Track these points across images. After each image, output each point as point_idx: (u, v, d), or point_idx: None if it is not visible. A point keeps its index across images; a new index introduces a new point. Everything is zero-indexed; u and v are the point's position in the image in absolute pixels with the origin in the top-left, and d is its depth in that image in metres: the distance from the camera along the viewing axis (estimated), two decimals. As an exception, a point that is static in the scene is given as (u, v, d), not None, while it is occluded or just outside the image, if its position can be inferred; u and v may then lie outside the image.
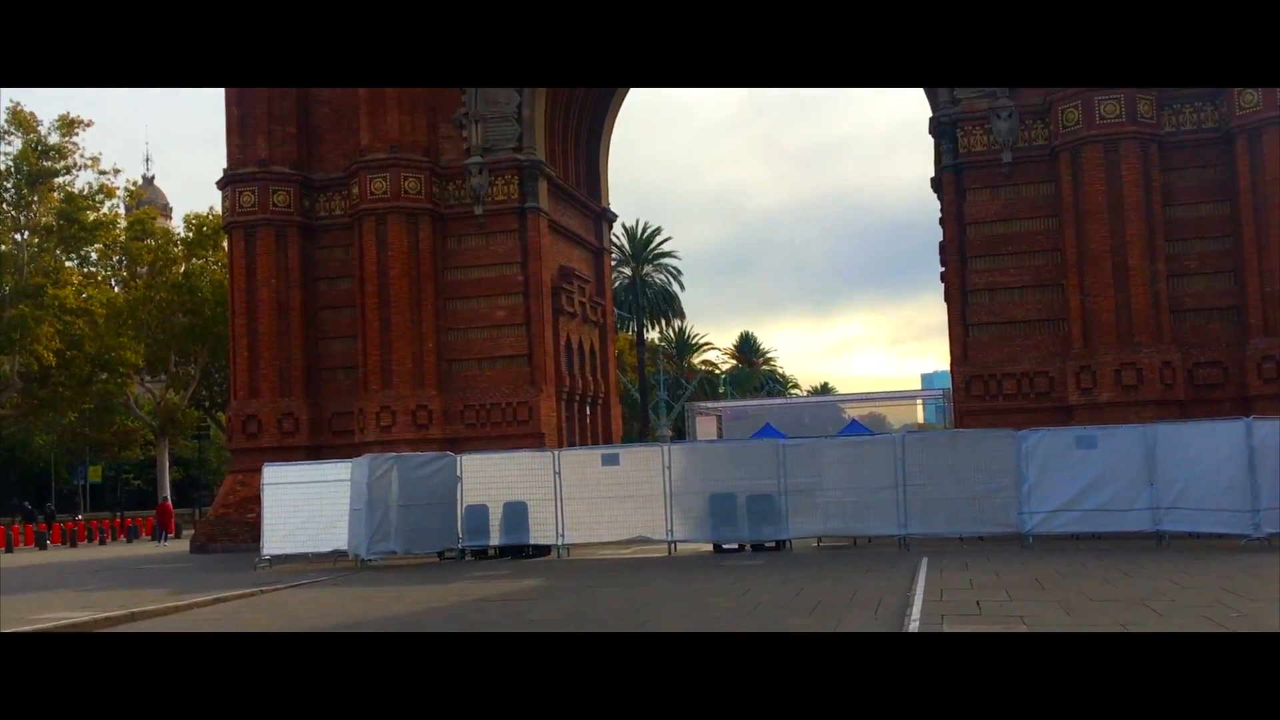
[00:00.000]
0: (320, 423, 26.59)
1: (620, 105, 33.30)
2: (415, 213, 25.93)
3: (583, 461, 21.22)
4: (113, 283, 41.59)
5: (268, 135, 26.39)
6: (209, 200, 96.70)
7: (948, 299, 24.49)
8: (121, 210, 41.47)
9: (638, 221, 62.76)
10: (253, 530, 23.14)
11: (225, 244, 30.97)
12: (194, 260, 40.30)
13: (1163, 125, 22.43)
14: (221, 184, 26.97)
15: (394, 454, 21.61)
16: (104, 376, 38.39)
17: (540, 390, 26.08)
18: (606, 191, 33.29)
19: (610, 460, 21.04)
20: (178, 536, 35.89)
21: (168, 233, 43.04)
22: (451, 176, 26.63)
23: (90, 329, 36.83)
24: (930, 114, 25.16)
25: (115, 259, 40.63)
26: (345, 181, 26.55)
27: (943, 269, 25.33)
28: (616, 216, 34.64)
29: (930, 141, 25.64)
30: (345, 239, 26.71)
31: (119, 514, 45.00)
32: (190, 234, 40.26)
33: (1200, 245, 22.46)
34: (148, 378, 43.48)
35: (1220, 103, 22.17)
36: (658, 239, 61.98)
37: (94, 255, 39.79)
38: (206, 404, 46.53)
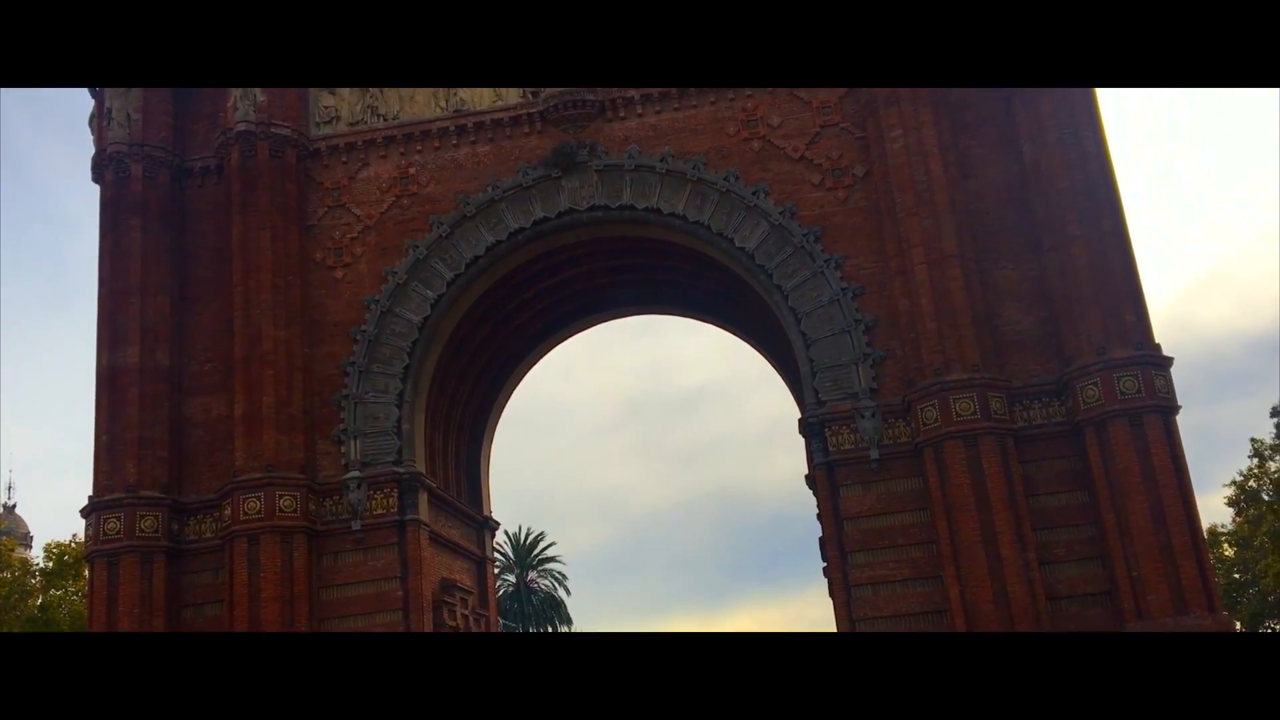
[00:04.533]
0: (181, 764, 24.57)
1: (501, 413, 33.82)
2: (290, 531, 25.27)
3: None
4: (-40, 618, 38.93)
5: (137, 460, 25.80)
6: (74, 526, 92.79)
7: (832, 594, 24.55)
8: (-24, 540, 39.51)
9: (521, 528, 62.39)
10: None
11: (87, 573, 29.51)
12: (53, 591, 38.18)
13: (1016, 420, 23.66)
14: (85, 512, 26.02)
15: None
16: (-59, 723, 35.20)
17: (421, 714, 24.74)
18: (488, 499, 33.14)
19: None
20: None
21: (25, 563, 40.95)
22: (329, 492, 26.25)
23: (-70, 671, 34.05)
24: (799, 415, 26.14)
25: (-35, 592, 38.25)
26: (217, 503, 25.90)
27: (825, 564, 25.54)
28: (499, 524, 34.35)
29: (802, 440, 26.42)
30: (215, 562, 25.74)
31: None
32: (50, 564, 38.38)
33: (1067, 533, 23.22)
34: (-9, 721, 40.01)
35: (1066, 398, 23.61)
36: (541, 544, 61.49)
37: (-59, 590, 37.44)
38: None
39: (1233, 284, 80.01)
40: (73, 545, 36.86)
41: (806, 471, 26.89)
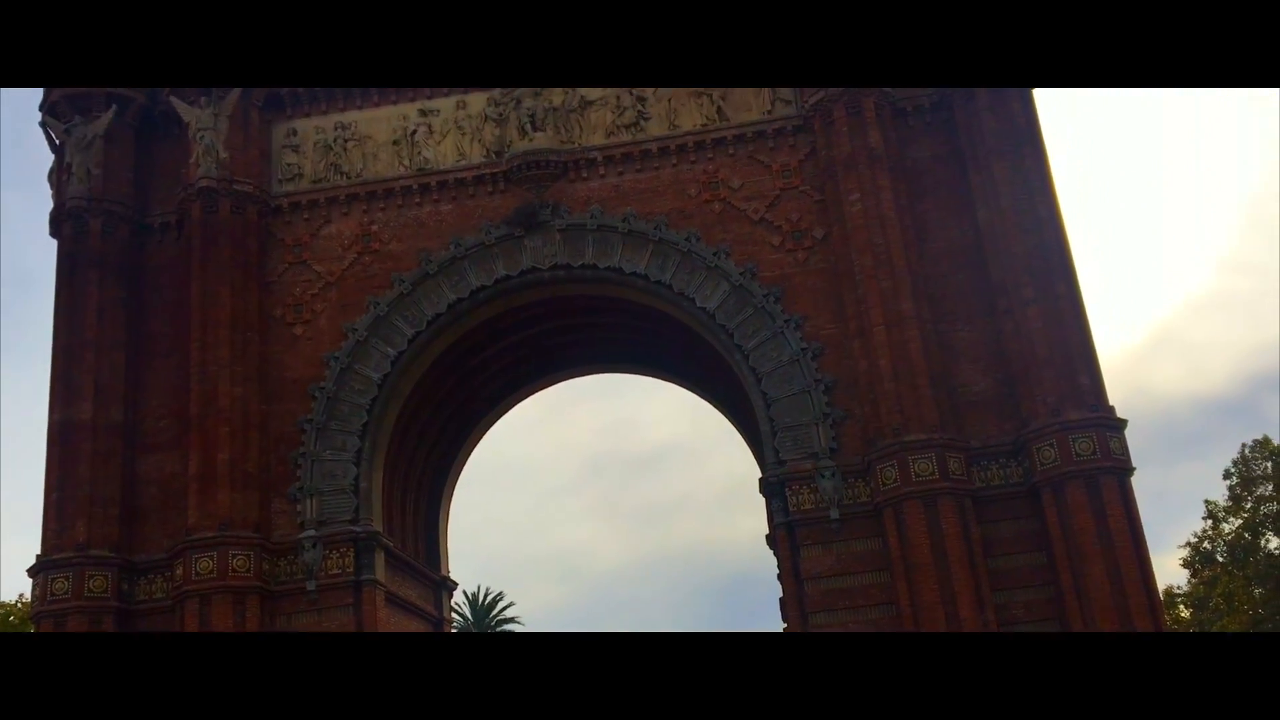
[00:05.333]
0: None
1: (461, 471, 33.56)
2: (243, 591, 24.81)
3: None
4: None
5: (88, 518, 25.30)
6: (20, 586, 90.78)
7: (792, 657, 24.38)
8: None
9: (479, 587, 61.65)
10: None
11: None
12: (-5, 652, 37.23)
13: (974, 480, 23.81)
14: (33, 571, 25.43)
15: None
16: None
17: (375, 780, 24.21)
18: (446, 559, 32.77)
19: None
20: None
21: (-32, 623, 39.91)
22: (283, 552, 25.85)
23: None
24: (760, 474, 26.17)
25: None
26: (169, 563, 25.42)
27: (785, 625, 25.44)
28: (457, 584, 33.92)
29: (763, 500, 26.42)
30: (166, 623, 25.17)
31: None
32: (-6, 624, 37.47)
33: (1025, 594, 23.29)
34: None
35: (1023, 459, 23.81)
36: (500, 604, 60.79)
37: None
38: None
39: (1182, 346, 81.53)
40: (19, 606, 36.02)
41: (767, 531, 26.88)
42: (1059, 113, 79.37)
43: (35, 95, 28.64)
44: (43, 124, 28.66)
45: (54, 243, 28.12)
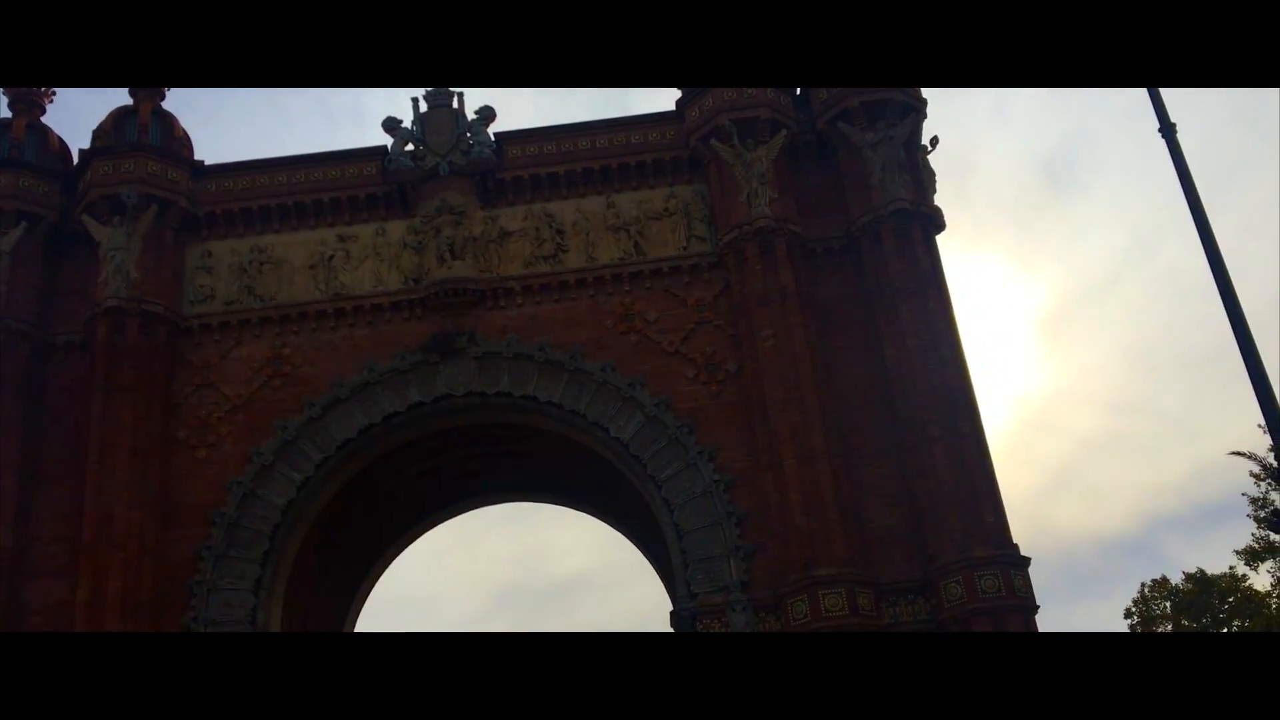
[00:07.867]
0: None
1: (365, 601, 32.71)
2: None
3: None
4: None
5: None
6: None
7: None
8: None
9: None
10: None
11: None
12: None
13: (883, 616, 23.84)
14: (-101, 705, 23.91)
15: None
16: None
17: None
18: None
19: None
20: None
21: None
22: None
23: None
24: (671, 607, 25.93)
25: None
26: None
27: (694, 765, 24.86)
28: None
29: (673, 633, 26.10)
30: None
31: None
32: None
33: (933, 733, 23.17)
34: None
35: (930, 595, 23.97)
36: (402, 740, 58.50)
37: None
38: None
39: (1082, 486, 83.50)
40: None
41: (677, 667, 26.40)
42: (957, 256, 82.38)
43: (-59, 209, 28.07)
44: (-54, 238, 28.07)
45: (-51, 359, 27.28)
